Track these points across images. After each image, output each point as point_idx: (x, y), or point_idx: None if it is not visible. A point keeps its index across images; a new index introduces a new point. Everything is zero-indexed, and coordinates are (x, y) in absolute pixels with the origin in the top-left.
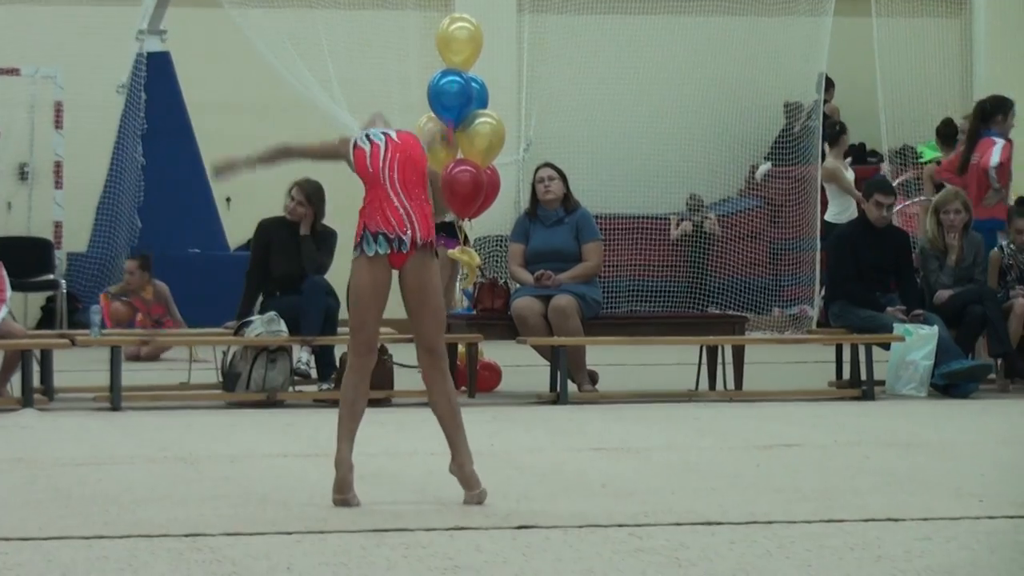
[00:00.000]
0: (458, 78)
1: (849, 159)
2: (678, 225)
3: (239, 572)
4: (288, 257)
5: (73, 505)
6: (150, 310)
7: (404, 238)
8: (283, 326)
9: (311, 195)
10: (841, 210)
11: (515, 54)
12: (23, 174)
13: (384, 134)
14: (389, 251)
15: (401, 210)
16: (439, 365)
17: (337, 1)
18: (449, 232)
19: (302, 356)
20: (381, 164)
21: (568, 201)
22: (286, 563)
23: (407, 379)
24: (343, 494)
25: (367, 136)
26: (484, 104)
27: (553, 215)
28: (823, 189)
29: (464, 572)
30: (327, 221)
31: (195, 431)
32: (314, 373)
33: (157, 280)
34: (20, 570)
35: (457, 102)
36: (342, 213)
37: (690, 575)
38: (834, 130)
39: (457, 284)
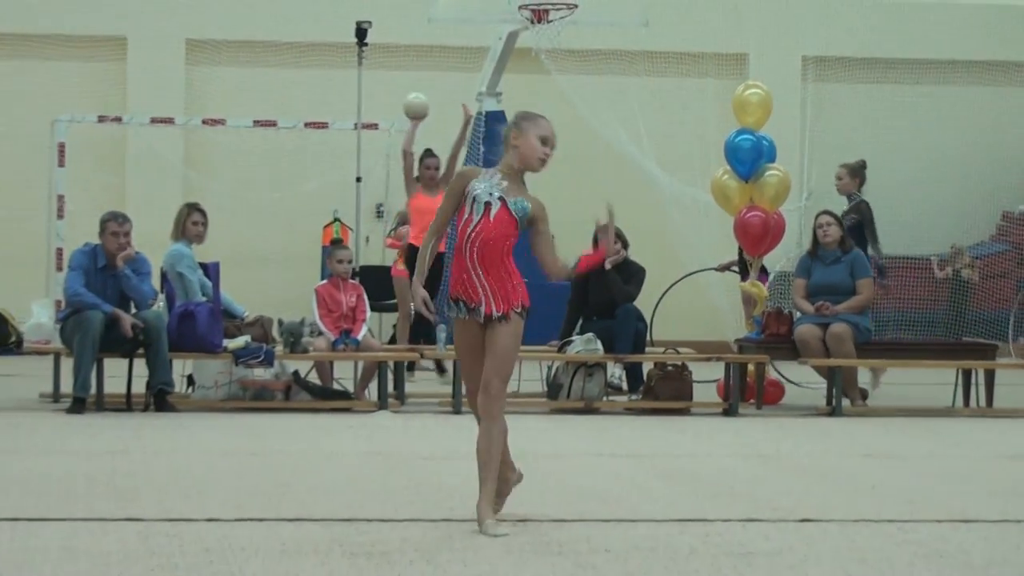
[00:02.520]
0: (751, 136)
1: None
2: (941, 268)
3: (564, 552)
4: (603, 288)
5: (423, 493)
6: None
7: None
8: (599, 345)
9: (619, 236)
10: None
11: (799, 115)
12: (379, 213)
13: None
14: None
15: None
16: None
17: (647, 70)
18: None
19: (615, 371)
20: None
21: (844, 243)
22: (604, 546)
23: (702, 392)
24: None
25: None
26: (772, 159)
27: (831, 255)
28: None
29: (756, 558)
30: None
31: (523, 433)
32: (625, 386)
33: None
34: (379, 546)
35: (750, 156)
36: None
37: (949, 565)
38: None
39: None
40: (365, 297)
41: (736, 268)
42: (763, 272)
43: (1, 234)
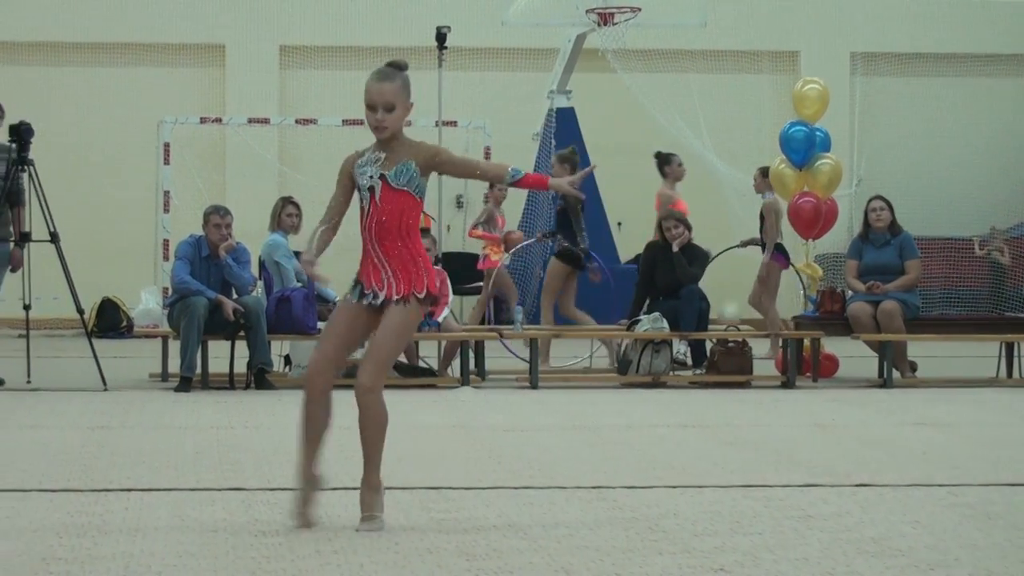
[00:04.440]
0: (804, 127)
1: None
2: (982, 248)
3: (637, 518)
4: (669, 270)
5: (504, 463)
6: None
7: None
8: (665, 323)
9: (682, 219)
10: None
11: (848, 108)
12: (459, 203)
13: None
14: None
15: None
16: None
17: (706, 67)
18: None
19: (680, 347)
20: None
21: (894, 226)
22: (673, 511)
23: (761, 366)
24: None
25: None
26: (827, 149)
27: (881, 238)
28: None
29: (815, 521)
30: None
31: (596, 406)
32: (690, 361)
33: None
34: (464, 512)
35: (803, 146)
36: None
37: (997, 526)
38: None
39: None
40: (448, 281)
41: (759, 243)
42: (780, 252)
43: (113, 227)
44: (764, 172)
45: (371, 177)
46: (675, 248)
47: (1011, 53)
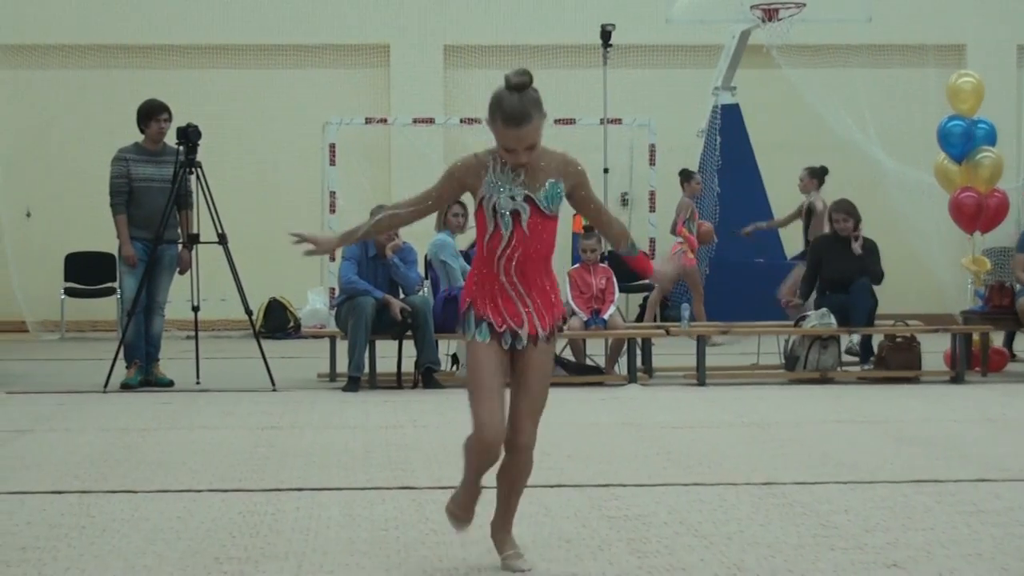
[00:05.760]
0: (961, 122)
1: None
2: None
3: (807, 512)
4: (838, 265)
5: (673, 459)
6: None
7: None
8: (833, 319)
9: (851, 212)
10: None
11: (1015, 100)
12: (624, 201)
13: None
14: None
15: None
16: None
17: (871, 62)
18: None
19: (853, 337)
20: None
21: None
22: (844, 506)
23: (930, 361)
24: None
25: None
26: (993, 142)
27: None
28: None
29: (987, 516)
30: None
31: (764, 402)
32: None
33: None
34: (634, 509)
35: (960, 141)
36: None
37: None
38: None
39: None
40: (614, 279)
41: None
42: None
43: (280, 228)
44: (812, 172)
45: (514, 199)
46: (857, 250)
47: None
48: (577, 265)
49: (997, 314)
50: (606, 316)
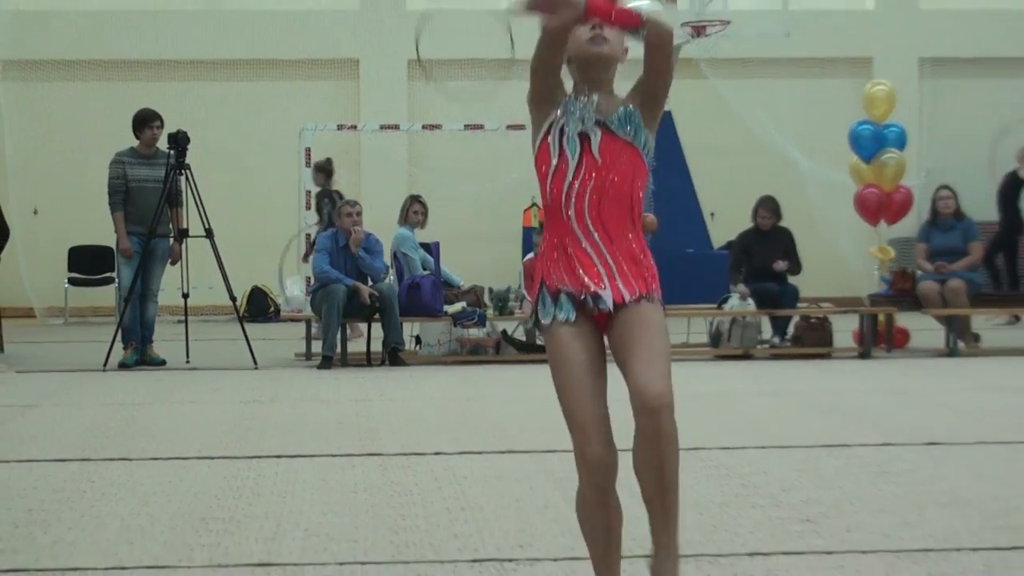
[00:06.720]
0: (870, 126)
1: None
2: None
3: (731, 475)
4: (763, 256)
5: (613, 427)
6: None
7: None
8: (752, 303)
9: (774, 209)
10: None
11: (917, 108)
12: None
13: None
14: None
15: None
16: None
17: (790, 73)
18: None
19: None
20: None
21: (958, 213)
22: (763, 468)
23: (841, 339)
24: None
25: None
26: (902, 145)
27: (947, 223)
28: None
29: (891, 476)
30: None
31: (694, 376)
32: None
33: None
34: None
35: (869, 143)
36: None
37: None
38: None
39: (876, 272)
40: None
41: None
42: None
43: (261, 223)
44: (318, 166)
45: (583, 122)
46: (781, 267)
47: None
48: (531, 255)
49: (900, 297)
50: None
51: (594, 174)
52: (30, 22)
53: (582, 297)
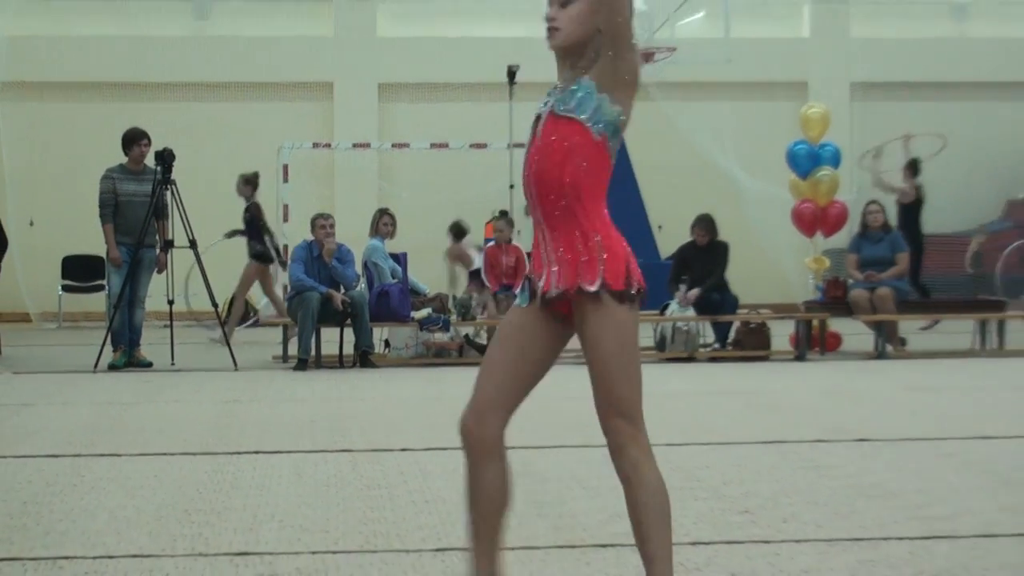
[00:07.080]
0: (805, 145)
1: None
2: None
3: (676, 469)
4: (699, 269)
5: (565, 426)
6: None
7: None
8: (692, 309)
9: (708, 227)
10: None
11: (848, 129)
12: (528, 212)
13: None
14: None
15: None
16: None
17: (732, 96)
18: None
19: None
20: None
21: (886, 225)
22: (706, 463)
23: (778, 342)
24: None
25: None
26: (837, 163)
27: (876, 235)
28: None
29: (823, 470)
30: None
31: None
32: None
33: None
34: (532, 466)
35: (804, 162)
36: None
37: (976, 473)
38: None
39: (810, 281)
40: (525, 258)
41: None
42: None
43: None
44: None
45: (544, 106)
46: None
47: (984, 81)
48: (491, 243)
49: (833, 304)
50: (517, 291)
51: (537, 159)
52: (26, 47)
53: (534, 286)
